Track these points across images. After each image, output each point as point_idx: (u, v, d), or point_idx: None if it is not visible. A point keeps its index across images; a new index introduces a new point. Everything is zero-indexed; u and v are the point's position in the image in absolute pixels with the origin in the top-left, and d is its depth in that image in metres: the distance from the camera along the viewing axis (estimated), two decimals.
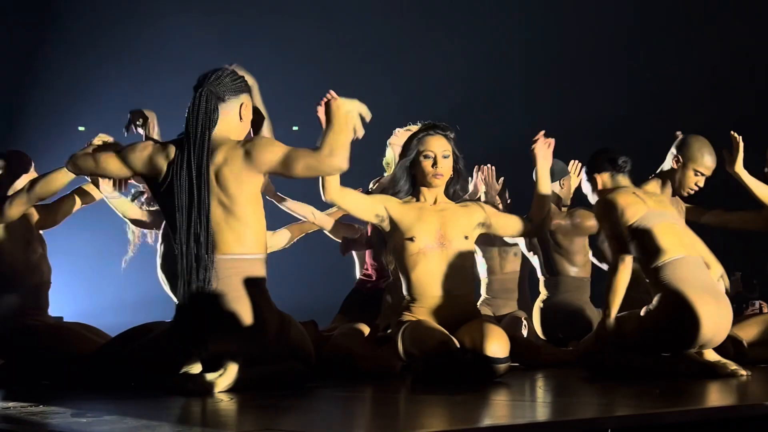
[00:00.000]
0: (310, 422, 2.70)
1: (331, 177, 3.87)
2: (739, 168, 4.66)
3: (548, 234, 5.30)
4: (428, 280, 4.09)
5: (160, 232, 4.96)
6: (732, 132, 4.63)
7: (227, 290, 3.57)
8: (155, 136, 4.56)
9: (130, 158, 3.68)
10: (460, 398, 3.14)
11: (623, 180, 4.29)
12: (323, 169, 3.67)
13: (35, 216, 4.79)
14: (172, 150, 3.66)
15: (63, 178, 4.43)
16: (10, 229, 4.66)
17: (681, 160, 4.66)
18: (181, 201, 3.57)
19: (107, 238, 5.08)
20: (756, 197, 4.72)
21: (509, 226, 4.34)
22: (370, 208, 4.16)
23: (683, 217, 4.61)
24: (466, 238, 4.17)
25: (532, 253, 5.52)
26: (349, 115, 3.66)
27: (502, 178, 5.53)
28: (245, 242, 3.62)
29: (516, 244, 5.72)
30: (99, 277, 5.76)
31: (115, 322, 4.65)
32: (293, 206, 5.05)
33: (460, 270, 4.13)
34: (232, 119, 3.73)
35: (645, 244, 4.02)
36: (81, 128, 8.82)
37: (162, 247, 4.91)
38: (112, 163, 3.71)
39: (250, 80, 3.89)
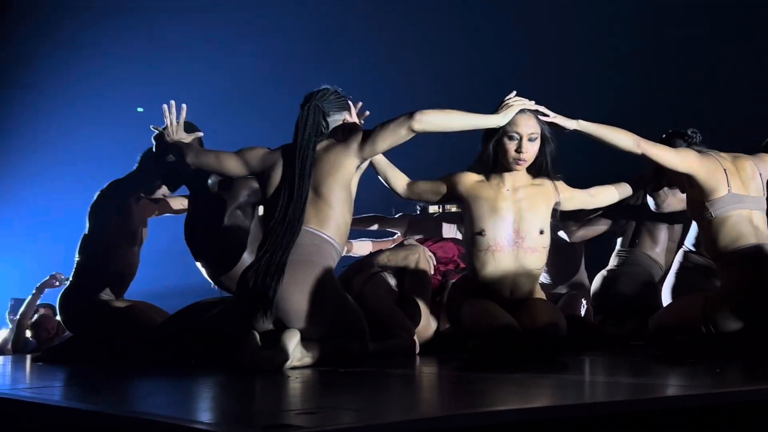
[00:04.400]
0: (362, 400, 2.72)
1: (396, 177, 4.12)
2: None
3: (654, 201, 5.04)
4: (495, 279, 3.98)
5: None
6: None
7: (298, 258, 3.69)
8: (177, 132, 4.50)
9: (247, 157, 4.03)
10: (516, 377, 3.13)
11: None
12: (400, 123, 3.76)
13: (151, 208, 4.99)
14: (279, 153, 3.98)
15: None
16: (133, 217, 4.88)
17: None
18: (283, 192, 3.83)
19: (175, 221, 5.18)
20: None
21: (576, 200, 4.14)
22: (437, 192, 4.09)
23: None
24: (542, 233, 3.97)
25: (623, 221, 5.37)
26: (504, 115, 3.87)
27: None
28: (325, 222, 3.80)
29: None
30: (162, 260, 5.83)
31: (176, 306, 4.73)
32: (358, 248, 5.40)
33: (530, 268, 3.98)
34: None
35: (719, 229, 3.97)
36: (139, 109, 8.94)
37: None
38: (231, 161, 4.06)
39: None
